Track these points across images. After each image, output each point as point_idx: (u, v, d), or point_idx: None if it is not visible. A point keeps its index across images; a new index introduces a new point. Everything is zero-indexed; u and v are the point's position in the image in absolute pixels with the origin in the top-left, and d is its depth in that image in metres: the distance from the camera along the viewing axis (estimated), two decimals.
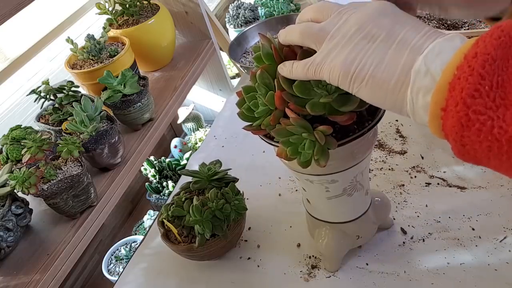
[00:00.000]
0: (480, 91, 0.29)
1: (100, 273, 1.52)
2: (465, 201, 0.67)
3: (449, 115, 0.31)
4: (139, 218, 1.75)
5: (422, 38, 0.34)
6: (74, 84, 1.11)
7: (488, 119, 0.29)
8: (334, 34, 0.39)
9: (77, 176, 0.91)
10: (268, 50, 0.46)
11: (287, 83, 0.43)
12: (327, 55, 0.39)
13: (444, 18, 0.99)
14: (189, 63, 1.53)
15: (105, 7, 1.36)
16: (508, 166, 0.29)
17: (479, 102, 0.29)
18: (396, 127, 0.84)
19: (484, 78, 0.29)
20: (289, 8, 1.42)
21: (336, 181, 0.52)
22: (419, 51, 0.34)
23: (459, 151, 0.32)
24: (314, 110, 0.43)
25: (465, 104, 0.29)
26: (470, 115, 0.29)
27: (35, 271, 0.90)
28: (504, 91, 0.29)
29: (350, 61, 0.37)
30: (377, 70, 0.35)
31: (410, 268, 0.60)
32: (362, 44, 0.37)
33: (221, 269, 0.69)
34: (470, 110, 0.29)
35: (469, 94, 0.29)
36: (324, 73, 0.39)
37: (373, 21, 0.37)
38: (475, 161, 0.32)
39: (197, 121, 1.98)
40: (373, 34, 0.36)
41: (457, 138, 0.31)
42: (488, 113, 0.29)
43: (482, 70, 0.29)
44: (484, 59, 0.29)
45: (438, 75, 0.32)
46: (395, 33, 0.36)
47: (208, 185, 0.69)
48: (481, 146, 0.30)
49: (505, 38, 0.29)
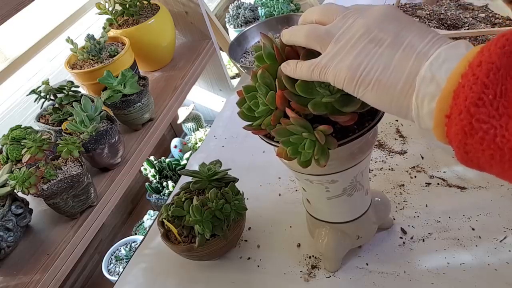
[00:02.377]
0: (484, 100, 0.29)
1: (100, 273, 1.52)
2: (465, 201, 0.67)
3: (453, 122, 0.31)
4: (139, 218, 1.75)
5: (428, 44, 0.35)
6: (74, 84, 1.11)
7: (491, 127, 0.29)
8: (340, 37, 0.39)
9: (77, 176, 0.91)
10: (269, 49, 0.46)
11: (290, 82, 0.43)
12: (332, 58, 0.39)
13: (444, 18, 0.99)
14: (189, 63, 1.53)
15: (105, 7, 1.36)
16: (510, 174, 0.30)
17: (483, 111, 0.29)
18: (396, 127, 0.84)
19: (488, 87, 0.29)
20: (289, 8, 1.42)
21: (336, 181, 0.52)
22: (425, 57, 0.34)
23: (462, 157, 0.32)
24: (316, 110, 0.43)
25: (469, 112, 0.30)
26: (474, 123, 0.30)
27: (35, 271, 0.90)
28: (507, 100, 0.29)
29: (356, 65, 0.37)
30: (383, 75, 0.36)
31: (410, 268, 0.60)
32: (368, 48, 0.37)
33: (221, 269, 0.69)
34: (474, 118, 0.30)
35: (473, 103, 0.30)
36: (329, 76, 0.39)
37: (379, 25, 0.37)
38: (478, 167, 0.32)
39: (197, 121, 1.98)
40: (380, 39, 0.37)
41: (460, 146, 0.31)
42: (491, 122, 0.29)
43: (486, 79, 0.29)
44: (488, 68, 0.29)
45: (443, 82, 0.32)
46: (401, 38, 0.36)
47: (208, 185, 0.69)
48: (483, 154, 0.30)
49: (510, 47, 0.30)
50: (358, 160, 0.50)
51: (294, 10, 1.43)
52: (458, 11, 1.00)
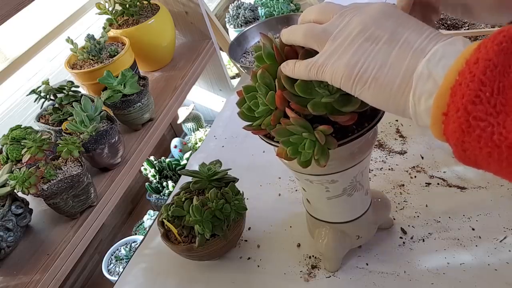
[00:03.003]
0: (481, 97, 0.29)
1: (100, 273, 1.52)
2: (465, 201, 0.67)
3: (450, 120, 0.31)
4: (139, 218, 1.75)
5: (425, 41, 0.35)
6: (74, 84, 1.11)
7: (488, 125, 0.29)
8: (336, 35, 0.39)
9: (77, 176, 0.91)
10: (269, 49, 0.46)
11: (289, 82, 0.43)
12: (329, 56, 0.38)
13: (444, 18, 0.98)
14: (189, 63, 1.53)
15: (105, 7, 1.36)
16: (508, 171, 0.30)
17: (480, 108, 0.29)
18: (396, 127, 0.84)
19: (485, 84, 0.29)
20: (289, 8, 1.42)
21: (336, 181, 0.52)
22: (421, 54, 0.34)
23: (460, 155, 0.32)
24: (315, 110, 0.43)
25: (466, 110, 0.30)
26: (471, 121, 0.29)
27: (35, 271, 0.90)
28: (505, 97, 0.29)
29: (353, 63, 0.37)
30: (380, 73, 0.35)
31: (410, 268, 0.60)
32: (365, 46, 0.37)
33: (221, 269, 0.69)
34: (471, 116, 0.29)
35: (470, 100, 0.29)
36: (326, 75, 0.39)
37: (376, 23, 0.37)
38: (476, 165, 0.32)
39: (197, 121, 1.98)
40: (376, 36, 0.36)
41: (458, 143, 0.31)
42: (488, 120, 0.29)
43: (483, 76, 0.29)
44: (485, 65, 0.29)
45: (440, 79, 0.32)
46: (398, 35, 0.36)
47: (208, 185, 0.69)
48: (481, 152, 0.30)
49: (507, 44, 0.29)
50: (358, 160, 0.50)
51: (294, 10, 1.43)
52: None
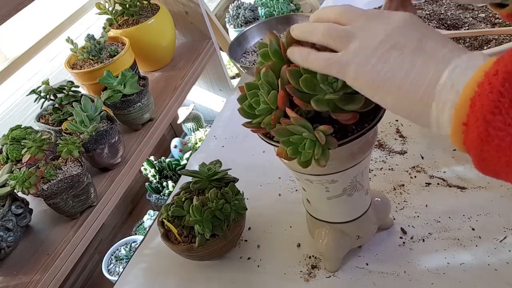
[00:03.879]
0: (500, 108, 0.30)
1: (100, 273, 1.52)
2: (465, 201, 0.67)
3: (470, 129, 0.32)
4: (139, 218, 1.75)
5: (449, 53, 0.35)
6: (74, 84, 1.11)
7: (507, 135, 0.30)
8: (362, 39, 0.39)
9: (77, 176, 0.91)
10: (275, 47, 0.45)
11: (294, 77, 0.43)
12: (353, 58, 0.38)
13: (444, 18, 0.99)
14: (189, 63, 1.53)
15: (105, 7, 1.36)
16: None
17: (499, 118, 0.30)
18: (396, 127, 0.84)
19: (503, 95, 0.30)
20: (289, 8, 1.42)
21: (336, 181, 0.52)
22: (446, 65, 0.35)
23: (479, 164, 0.33)
24: (318, 106, 0.43)
25: (485, 120, 0.31)
26: (490, 130, 0.30)
27: (35, 271, 0.90)
28: None
29: (378, 69, 0.37)
30: (405, 82, 0.36)
31: (410, 268, 0.61)
32: (391, 54, 0.37)
33: (221, 269, 0.69)
34: (490, 126, 0.30)
35: (489, 111, 0.30)
36: (348, 75, 0.39)
37: (401, 32, 0.37)
38: (495, 174, 0.33)
39: (197, 121, 1.98)
40: (402, 45, 0.37)
41: (477, 153, 0.32)
42: (507, 130, 0.30)
43: (502, 88, 0.30)
44: (504, 77, 0.30)
45: (462, 90, 0.33)
46: (423, 46, 0.36)
47: (208, 185, 0.69)
48: (499, 161, 0.31)
49: None
50: (358, 160, 0.50)
51: (294, 10, 1.43)
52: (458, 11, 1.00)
